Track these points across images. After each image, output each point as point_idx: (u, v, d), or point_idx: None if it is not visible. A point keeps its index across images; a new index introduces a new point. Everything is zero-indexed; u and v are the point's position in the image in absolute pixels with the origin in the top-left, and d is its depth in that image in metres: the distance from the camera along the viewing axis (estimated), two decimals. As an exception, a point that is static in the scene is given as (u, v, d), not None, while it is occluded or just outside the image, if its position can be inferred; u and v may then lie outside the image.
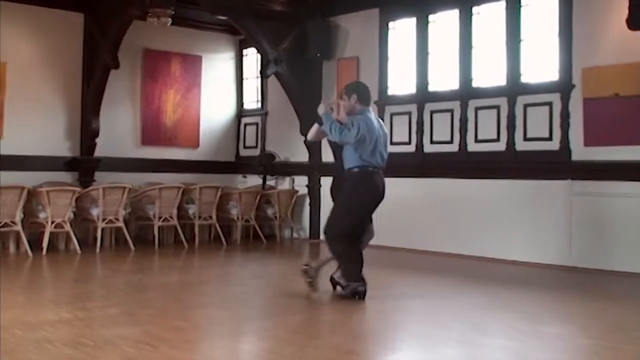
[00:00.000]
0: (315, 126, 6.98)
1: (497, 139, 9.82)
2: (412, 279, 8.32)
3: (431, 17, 10.72)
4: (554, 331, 5.65)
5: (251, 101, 13.93)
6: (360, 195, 6.71)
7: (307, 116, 11.93)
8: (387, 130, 7.06)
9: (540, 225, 9.30)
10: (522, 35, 9.61)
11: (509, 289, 7.67)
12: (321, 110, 6.85)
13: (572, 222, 9.01)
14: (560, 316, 6.30)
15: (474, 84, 10.19)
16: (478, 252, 9.87)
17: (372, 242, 10.41)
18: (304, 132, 11.91)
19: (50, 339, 4.96)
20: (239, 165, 13.80)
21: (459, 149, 10.25)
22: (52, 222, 9.83)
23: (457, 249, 10.13)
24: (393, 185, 10.94)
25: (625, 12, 7.78)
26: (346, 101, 6.87)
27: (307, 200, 12.37)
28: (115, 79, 11.93)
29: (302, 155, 12.37)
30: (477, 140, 10.10)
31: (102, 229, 10.38)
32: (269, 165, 12.70)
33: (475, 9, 10.17)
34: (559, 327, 5.82)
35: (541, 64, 9.47)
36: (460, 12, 10.29)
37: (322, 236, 11.90)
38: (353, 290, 6.66)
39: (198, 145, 13.43)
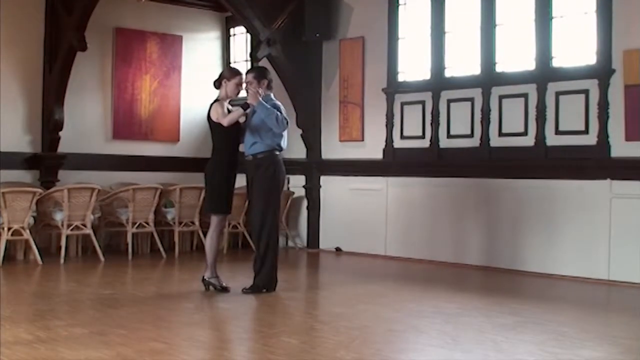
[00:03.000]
0: (240, 111, 7.85)
1: (525, 133, 9.81)
2: (427, 295, 8.29)
3: (448, -9, 10.74)
4: (592, 355, 5.63)
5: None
6: (279, 181, 8.02)
7: (304, 105, 11.97)
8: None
9: (574, 232, 9.28)
10: (555, 12, 9.59)
11: (539, 306, 7.65)
12: (255, 98, 7.79)
13: (611, 228, 8.99)
14: (598, 337, 6.28)
15: (498, 69, 10.18)
16: (503, 264, 9.86)
17: (378, 253, 10.46)
18: (300, 124, 11.96)
19: (7, 363, 4.94)
20: (226, 163, 13.76)
21: (480, 143, 10.24)
22: (9, 229, 9.81)
23: (478, 260, 10.13)
24: (403, 186, 11.11)
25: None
26: (257, 87, 7.92)
27: (305, 204, 12.36)
28: (82, 62, 11.92)
29: (298, 151, 12.34)
30: (501, 134, 10.09)
31: (67, 237, 10.35)
32: (260, 162, 12.67)
33: (499, -18, 10.18)
34: (598, 350, 5.80)
35: (576, 45, 9.45)
36: (482, -15, 10.30)
37: (319, 245, 11.95)
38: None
39: (178, 139, 13.43)
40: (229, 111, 8.02)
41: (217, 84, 8.09)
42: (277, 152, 8.07)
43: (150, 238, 11.29)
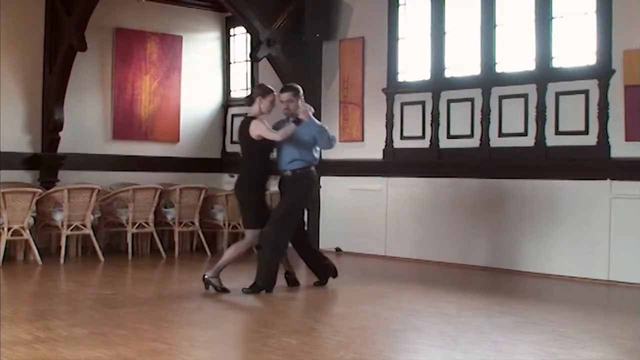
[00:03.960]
0: (293, 127, 7.94)
1: (525, 133, 9.81)
2: (427, 295, 8.30)
3: (448, -8, 10.74)
4: (592, 355, 5.63)
5: (239, 89, 13.93)
6: (312, 194, 8.40)
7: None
8: None
9: (574, 232, 9.28)
10: (554, 12, 9.59)
11: (539, 306, 7.66)
12: (307, 115, 7.99)
13: (611, 228, 8.99)
14: (598, 337, 6.29)
15: (498, 69, 10.18)
16: (503, 264, 9.86)
17: (378, 253, 10.49)
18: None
19: (7, 363, 4.95)
20: (226, 163, 13.79)
21: (480, 144, 10.24)
22: (9, 229, 9.80)
23: (478, 260, 10.13)
24: (403, 187, 11.11)
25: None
26: (297, 104, 8.16)
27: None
28: (82, 63, 11.92)
29: (298, 152, 12.34)
30: (501, 134, 10.09)
31: (67, 237, 10.35)
32: (260, 163, 12.67)
33: (499, -18, 10.18)
34: (598, 351, 5.81)
35: (576, 45, 9.46)
36: (481, -15, 10.30)
37: (319, 245, 11.94)
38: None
39: (178, 139, 13.42)
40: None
41: (250, 101, 8.19)
42: (313, 167, 8.31)
43: (150, 238, 11.28)
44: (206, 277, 8.07)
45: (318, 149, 8.30)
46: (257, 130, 7.92)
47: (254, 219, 8.02)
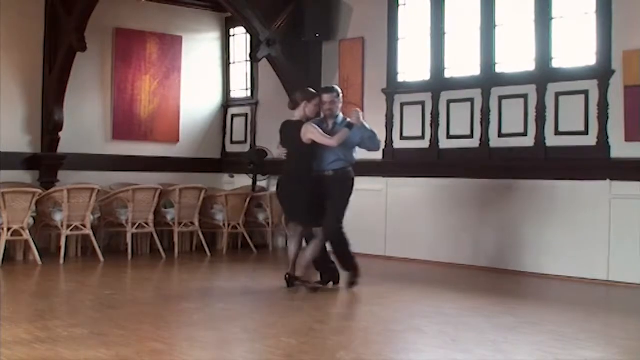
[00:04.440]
0: (347, 131, 8.10)
1: (525, 133, 9.82)
2: (427, 295, 8.30)
3: (448, -8, 10.74)
4: (591, 356, 5.64)
5: (239, 89, 13.93)
6: (352, 192, 8.34)
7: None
8: None
9: (573, 232, 9.28)
10: (554, 13, 9.60)
11: (539, 306, 7.67)
12: (358, 118, 8.16)
13: (610, 229, 8.99)
14: (598, 338, 6.29)
15: (498, 69, 10.19)
16: (502, 264, 9.86)
17: (378, 253, 10.56)
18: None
19: (7, 363, 4.95)
20: (226, 163, 13.79)
21: (480, 144, 10.25)
22: (9, 229, 9.80)
23: (478, 260, 10.13)
24: (402, 186, 11.11)
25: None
26: (338, 106, 8.41)
27: (304, 204, 12.34)
28: (82, 63, 11.91)
29: (298, 152, 12.34)
30: (501, 135, 10.10)
31: (67, 237, 10.35)
32: (259, 163, 12.68)
33: (499, -18, 10.18)
34: (598, 351, 5.81)
35: (576, 46, 9.46)
36: (481, -15, 10.30)
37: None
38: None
39: (178, 140, 13.42)
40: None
41: (294, 105, 8.37)
42: (351, 167, 8.43)
43: (150, 238, 11.29)
44: (291, 275, 8.33)
45: (357, 149, 8.45)
46: (311, 135, 8.08)
47: (315, 215, 8.21)
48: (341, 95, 8.50)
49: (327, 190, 8.26)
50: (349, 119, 8.21)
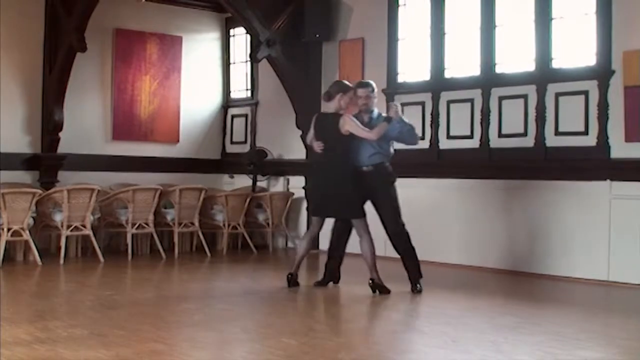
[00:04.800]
0: (385, 124, 8.07)
1: (525, 134, 9.81)
2: (427, 296, 8.27)
3: (448, -8, 10.74)
4: (592, 356, 5.64)
5: (239, 89, 13.93)
6: (394, 190, 8.36)
7: (303, 106, 11.95)
8: None
9: (573, 233, 9.28)
10: (554, 13, 9.59)
11: (539, 307, 7.67)
12: (395, 111, 8.15)
13: (610, 229, 8.98)
14: (598, 338, 6.29)
15: (498, 70, 10.19)
16: (501, 265, 9.86)
17: (378, 254, 10.47)
18: (300, 125, 11.96)
19: (7, 364, 4.95)
20: (226, 164, 13.79)
21: (480, 144, 10.24)
22: (9, 229, 9.80)
23: (477, 261, 10.13)
24: (403, 187, 10.96)
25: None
26: (373, 99, 8.46)
27: (304, 205, 12.35)
28: (82, 63, 11.91)
29: (298, 152, 12.35)
30: (500, 135, 10.09)
31: (67, 237, 10.35)
32: (259, 163, 12.69)
33: (499, -17, 10.18)
34: (598, 351, 5.81)
35: (576, 46, 9.46)
36: (481, -14, 10.30)
37: (319, 246, 11.94)
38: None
39: (178, 140, 13.42)
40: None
41: (328, 97, 8.27)
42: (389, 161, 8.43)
43: (150, 239, 11.28)
44: (376, 281, 8.15)
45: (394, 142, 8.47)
46: (349, 127, 8.02)
47: (358, 207, 8.18)
48: (376, 90, 8.49)
49: (368, 189, 8.19)
50: (383, 114, 8.22)
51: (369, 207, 8.37)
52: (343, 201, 8.12)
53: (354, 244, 8.48)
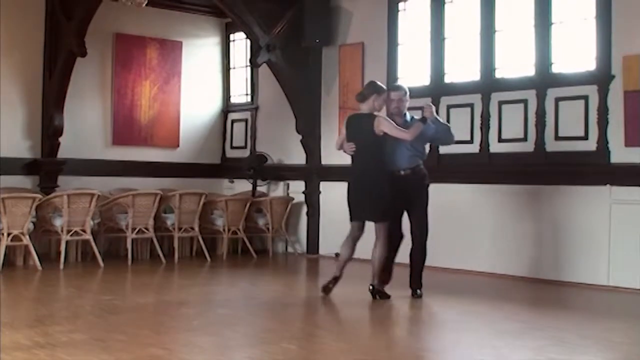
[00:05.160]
0: (420, 125, 7.94)
1: (524, 138, 9.81)
2: (427, 301, 8.26)
3: (448, -3, 10.75)
4: (591, 361, 5.64)
5: (239, 94, 13.92)
6: (428, 195, 8.22)
7: (303, 111, 11.97)
8: None
9: (574, 237, 9.27)
10: (554, 18, 9.59)
11: (538, 312, 7.66)
12: (430, 112, 8.01)
13: (610, 234, 8.97)
14: (598, 343, 6.28)
15: (498, 75, 10.18)
16: (499, 269, 9.85)
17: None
18: (299, 129, 11.97)
19: (6, 369, 4.94)
20: (225, 169, 13.78)
21: (480, 149, 10.24)
22: (9, 234, 9.79)
23: (476, 265, 10.11)
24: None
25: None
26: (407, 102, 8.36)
27: (304, 209, 12.35)
28: (82, 68, 11.90)
29: (298, 157, 12.35)
30: (500, 140, 10.09)
31: (67, 242, 10.34)
32: (259, 168, 12.69)
33: (499, -12, 10.18)
34: (598, 356, 5.80)
35: (575, 51, 9.45)
36: (481, -9, 10.30)
37: (319, 250, 11.93)
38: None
39: (178, 145, 13.42)
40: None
41: (363, 98, 8.11)
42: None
43: (150, 244, 11.27)
44: (375, 287, 7.97)
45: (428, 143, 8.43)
46: (384, 127, 7.87)
47: (387, 211, 7.94)
48: (408, 94, 8.39)
49: (403, 193, 7.97)
50: (416, 117, 8.13)
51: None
52: (373, 203, 7.92)
53: (357, 249, 8.43)
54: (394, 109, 8.23)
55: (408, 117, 8.29)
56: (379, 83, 8.29)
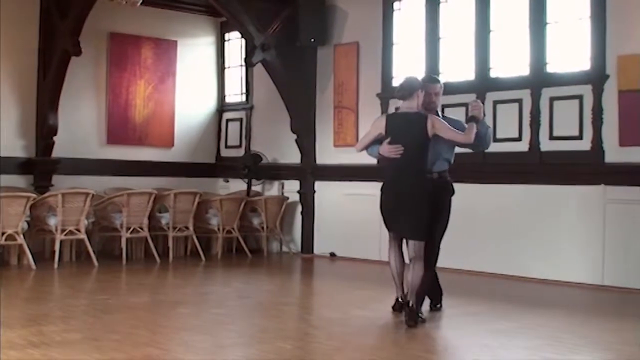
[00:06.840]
0: (473, 125, 7.05)
1: (519, 138, 9.81)
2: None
3: (443, -3, 10.74)
4: (586, 360, 5.64)
5: (234, 93, 13.92)
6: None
7: (298, 110, 11.96)
8: None
9: (568, 237, 9.28)
10: (549, 18, 9.61)
11: (532, 312, 7.65)
12: (479, 111, 7.18)
13: (605, 234, 8.98)
14: (593, 343, 6.28)
15: (493, 74, 10.19)
16: (494, 269, 9.85)
17: (373, 258, 10.47)
18: (294, 129, 11.96)
19: (0, 368, 4.92)
20: (220, 168, 13.77)
21: (475, 149, 10.23)
22: (3, 234, 9.77)
23: (470, 265, 10.11)
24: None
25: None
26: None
27: (299, 209, 12.35)
28: (77, 67, 11.87)
29: (292, 156, 12.35)
30: (495, 139, 10.03)
31: (61, 242, 10.31)
32: (254, 167, 12.68)
33: (493, -12, 10.18)
34: (593, 356, 5.80)
35: (570, 51, 9.46)
36: (476, -10, 10.30)
37: (314, 250, 11.92)
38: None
39: (172, 144, 13.40)
40: None
41: (408, 94, 6.97)
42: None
43: (145, 243, 11.26)
44: (412, 308, 6.78)
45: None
46: (441, 128, 6.92)
47: (427, 229, 6.99)
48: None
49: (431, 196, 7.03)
50: (474, 114, 7.16)
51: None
52: (413, 221, 6.96)
53: (352, 249, 8.41)
54: (430, 104, 7.18)
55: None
56: (417, 79, 7.23)
